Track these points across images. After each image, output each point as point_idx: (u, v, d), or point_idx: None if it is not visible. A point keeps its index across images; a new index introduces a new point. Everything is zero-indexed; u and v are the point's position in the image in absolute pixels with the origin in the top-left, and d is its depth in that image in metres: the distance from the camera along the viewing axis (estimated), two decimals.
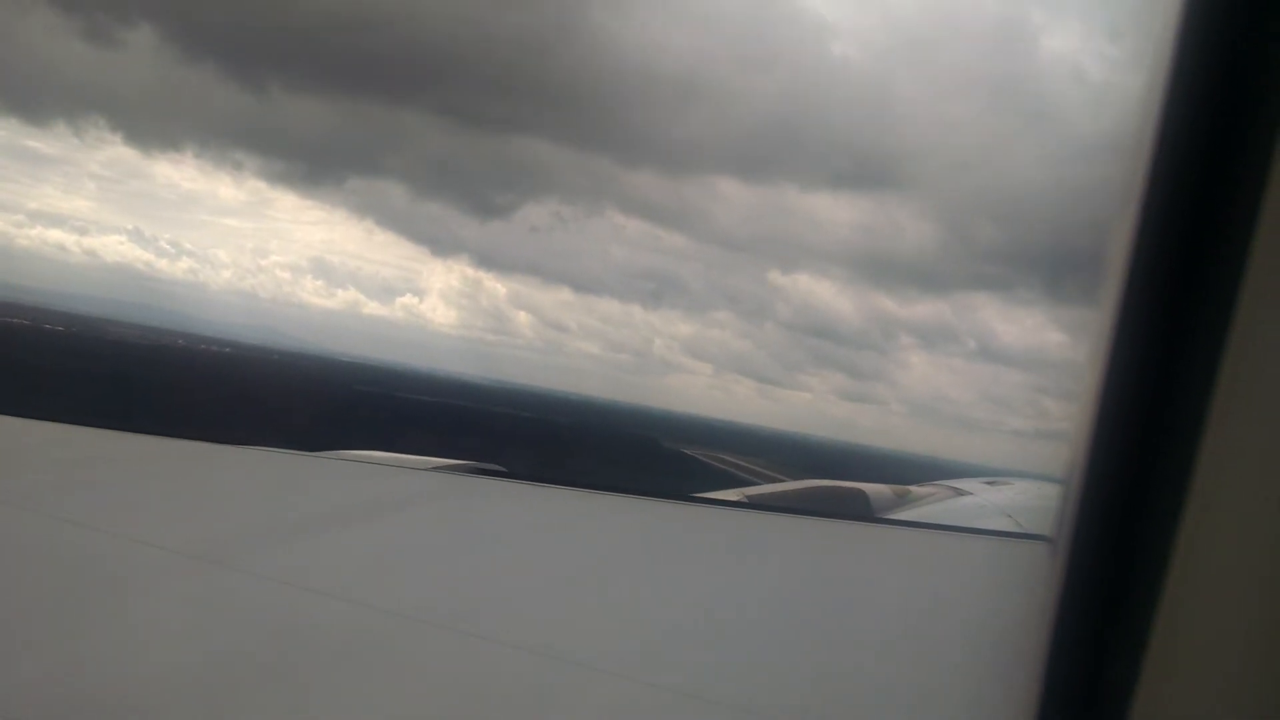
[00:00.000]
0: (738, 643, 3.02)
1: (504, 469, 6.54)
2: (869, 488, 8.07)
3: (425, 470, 5.99)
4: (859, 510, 7.61)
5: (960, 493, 8.05)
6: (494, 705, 2.58)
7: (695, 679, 2.71)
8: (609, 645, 2.98)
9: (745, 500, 7.46)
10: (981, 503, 7.79)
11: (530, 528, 4.52)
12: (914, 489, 8.29)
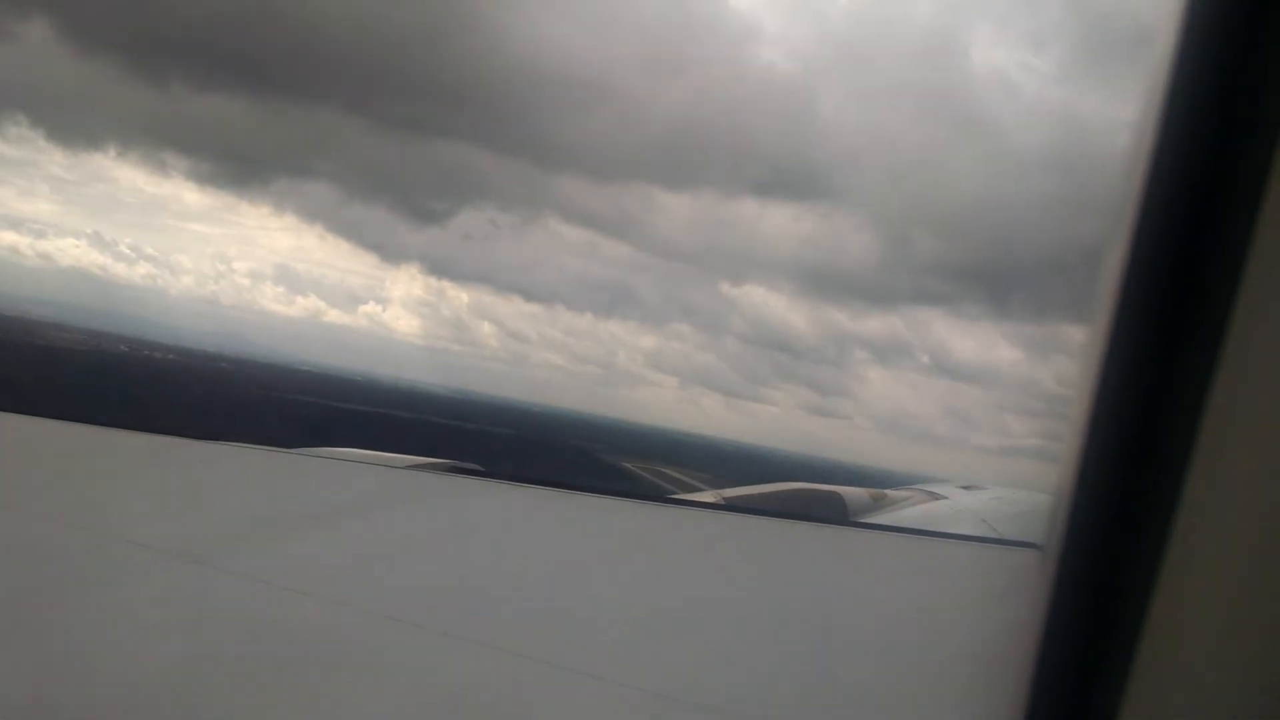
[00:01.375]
0: (713, 645, 3.07)
1: (481, 468, 6.64)
2: (845, 491, 8.27)
3: (402, 468, 6.09)
4: (834, 513, 7.79)
5: (935, 496, 8.24)
6: (470, 705, 2.65)
7: (670, 681, 2.76)
8: (585, 646, 3.05)
9: (721, 502, 7.65)
10: (957, 507, 7.97)
11: (507, 527, 4.63)
12: (889, 493, 8.49)
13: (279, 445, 6.91)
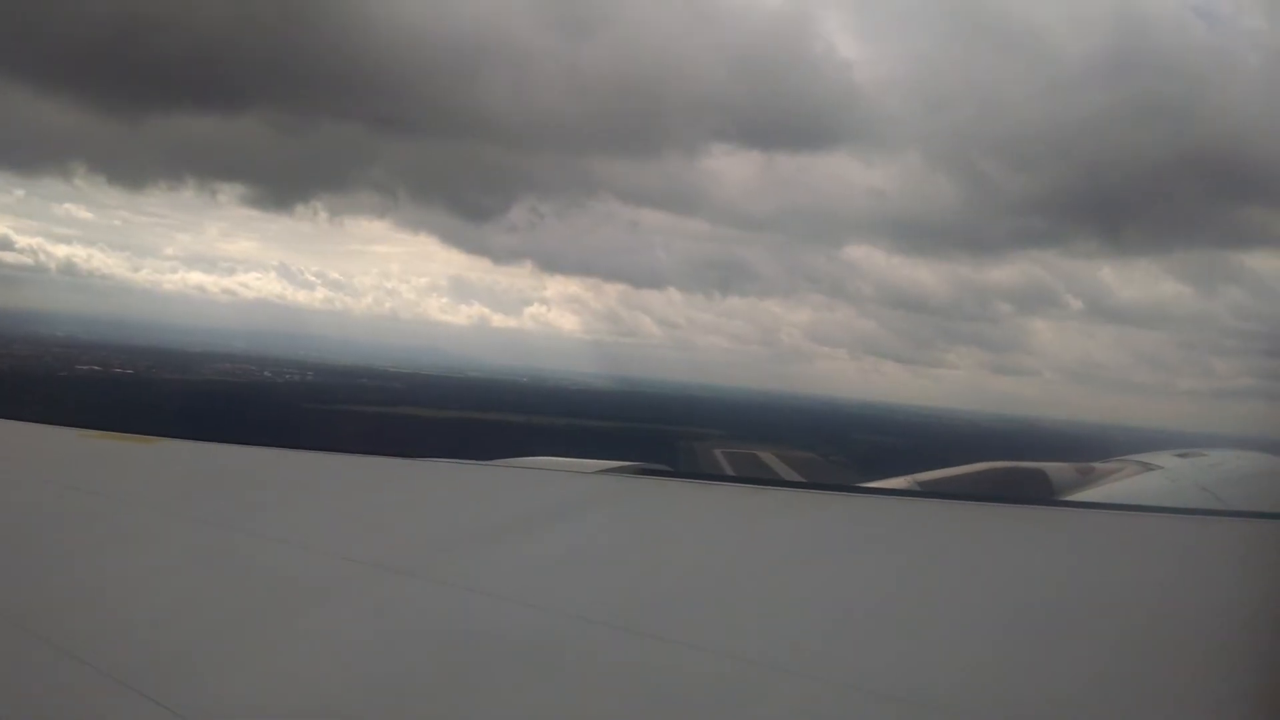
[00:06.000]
0: (923, 639, 3.14)
1: (669, 469, 7.17)
2: (1049, 467, 8.32)
3: (591, 473, 6.58)
4: (1040, 492, 7.97)
5: (1149, 467, 8.20)
6: (679, 707, 2.85)
7: (881, 676, 2.86)
8: (790, 644, 3.19)
9: (917, 488, 8.01)
10: (1174, 476, 7.96)
11: (703, 526, 4.90)
12: (1097, 466, 8.52)
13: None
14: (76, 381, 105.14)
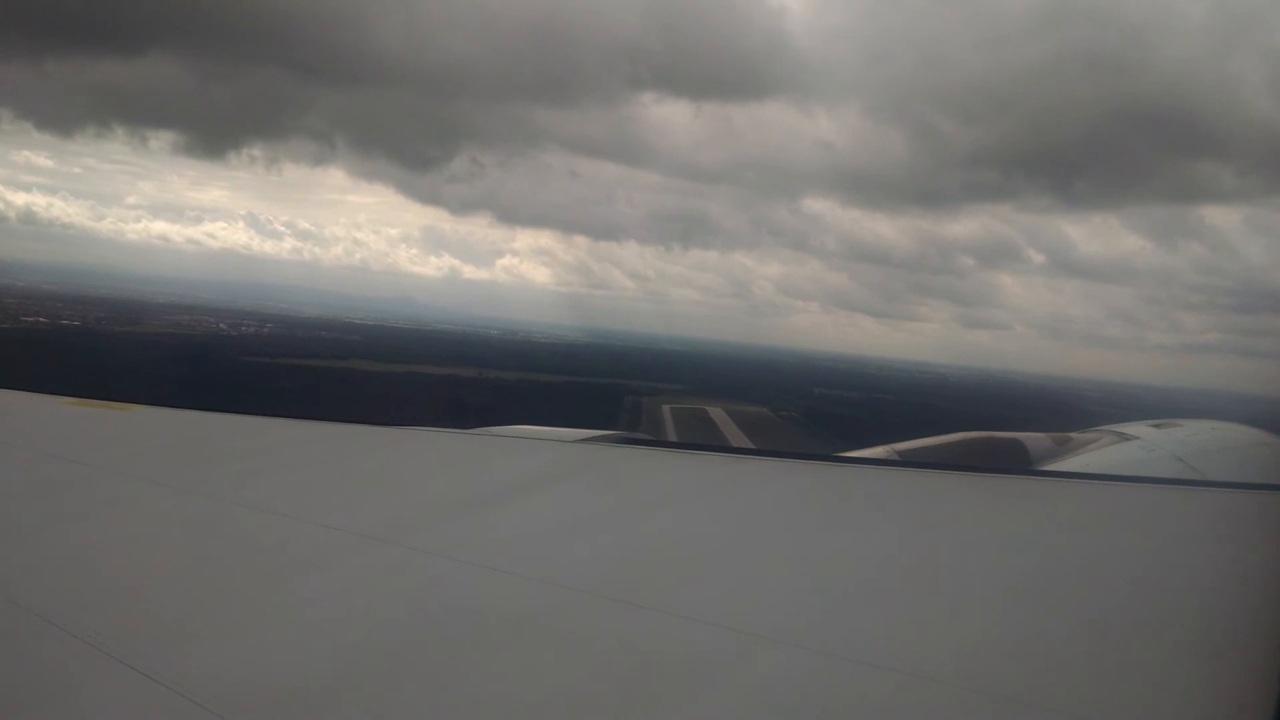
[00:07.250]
0: (904, 608, 3.21)
1: (651, 437, 7.20)
2: (1026, 437, 8.50)
3: (573, 442, 6.60)
4: (1018, 462, 8.11)
5: (1125, 438, 8.36)
6: (661, 676, 2.87)
7: (863, 645, 2.92)
8: (772, 612, 3.25)
9: (895, 456, 8.11)
10: (1150, 447, 8.12)
11: (683, 495, 4.95)
12: (1074, 436, 8.69)
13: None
14: (18, 335, 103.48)
